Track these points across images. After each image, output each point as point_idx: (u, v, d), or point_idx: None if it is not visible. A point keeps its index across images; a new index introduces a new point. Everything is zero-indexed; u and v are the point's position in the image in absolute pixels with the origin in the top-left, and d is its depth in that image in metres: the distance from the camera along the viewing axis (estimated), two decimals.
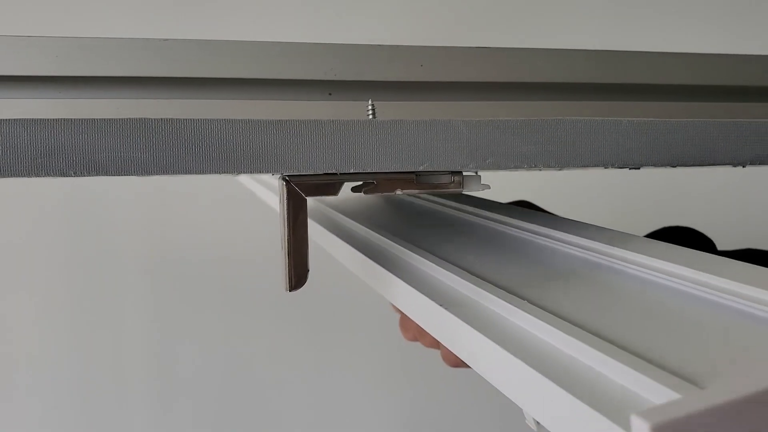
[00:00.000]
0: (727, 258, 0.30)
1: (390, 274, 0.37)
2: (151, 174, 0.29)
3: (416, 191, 0.37)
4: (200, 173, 0.30)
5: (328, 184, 0.37)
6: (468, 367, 0.47)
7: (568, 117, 0.33)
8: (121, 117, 0.45)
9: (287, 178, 0.36)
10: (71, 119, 0.28)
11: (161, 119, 0.29)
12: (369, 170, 0.32)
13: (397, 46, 0.48)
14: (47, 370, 1.11)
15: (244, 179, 0.83)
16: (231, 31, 1.09)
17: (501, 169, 0.33)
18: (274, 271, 0.38)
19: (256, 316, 1.16)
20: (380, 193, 0.39)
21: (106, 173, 0.29)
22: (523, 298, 0.29)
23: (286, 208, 0.36)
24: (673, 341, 0.23)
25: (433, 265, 0.36)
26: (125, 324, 1.13)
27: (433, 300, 0.31)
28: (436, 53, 0.48)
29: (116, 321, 1.13)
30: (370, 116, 0.40)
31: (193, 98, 0.46)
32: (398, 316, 0.51)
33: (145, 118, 0.29)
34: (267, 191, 0.71)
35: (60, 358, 1.11)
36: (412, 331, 0.49)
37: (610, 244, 0.36)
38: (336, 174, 0.33)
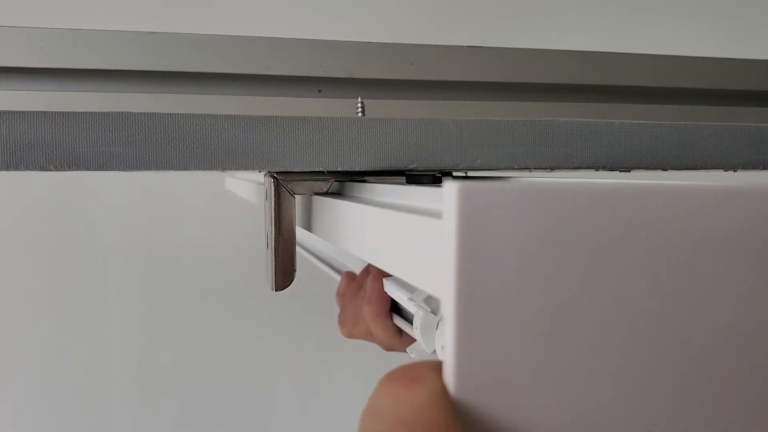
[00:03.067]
0: None
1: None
2: (134, 170, 0.29)
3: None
4: (185, 169, 0.29)
5: (317, 182, 0.36)
6: (402, 350, 0.46)
7: (561, 118, 0.32)
8: (105, 109, 0.44)
9: (275, 175, 0.35)
10: (51, 112, 0.28)
11: (144, 113, 0.28)
12: (357, 168, 0.32)
13: (388, 43, 0.48)
14: (28, 369, 1.10)
15: (229, 181, 0.82)
16: (220, 26, 1.08)
17: (491, 169, 0.32)
18: (261, 269, 0.37)
19: (242, 315, 1.16)
20: None
21: (88, 168, 0.28)
22: None
23: (273, 206, 0.36)
24: None
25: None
26: (109, 322, 1.12)
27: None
28: (428, 52, 0.48)
29: (100, 319, 1.11)
30: (360, 115, 0.39)
31: (179, 93, 0.45)
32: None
33: (127, 112, 0.28)
34: (248, 186, 0.70)
35: (42, 356, 1.10)
36: (348, 326, 0.49)
37: None
38: (324, 172, 0.32)
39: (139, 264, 1.12)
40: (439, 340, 0.38)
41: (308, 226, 0.35)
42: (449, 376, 0.14)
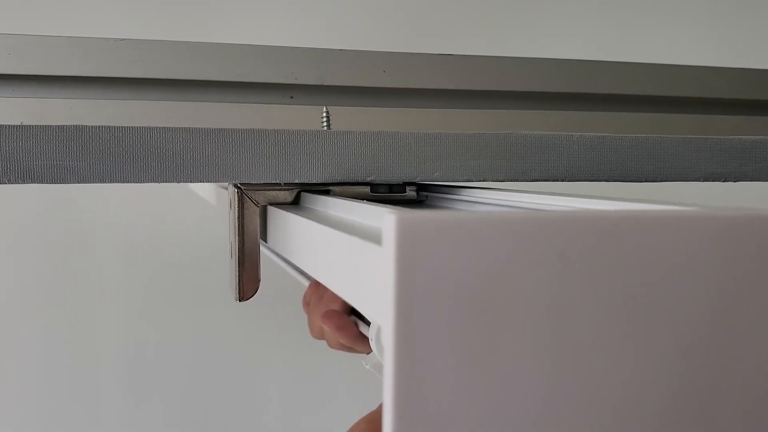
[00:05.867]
0: None
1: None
2: (89, 182, 0.29)
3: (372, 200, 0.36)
4: (141, 182, 0.30)
5: (281, 192, 0.36)
6: (351, 350, 0.47)
7: (520, 131, 0.33)
8: (75, 116, 0.44)
9: (239, 185, 0.35)
10: (4, 125, 0.28)
11: (98, 126, 0.28)
12: (316, 181, 0.32)
13: (360, 51, 0.48)
14: (21, 368, 1.10)
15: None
16: (192, 33, 1.07)
17: (449, 181, 0.32)
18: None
19: (234, 314, 1.16)
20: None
21: (42, 181, 0.28)
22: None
23: (237, 216, 0.36)
24: None
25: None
26: (101, 321, 1.12)
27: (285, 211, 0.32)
28: (400, 59, 0.48)
29: (91, 318, 1.11)
30: (325, 125, 0.39)
31: (149, 100, 0.45)
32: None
33: (82, 125, 0.28)
34: (208, 188, 0.69)
35: (35, 355, 1.10)
36: (316, 333, 0.49)
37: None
38: (280, 184, 0.32)
39: (131, 263, 1.12)
40: None
41: (264, 237, 0.35)
42: (387, 417, 0.14)
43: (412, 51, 0.48)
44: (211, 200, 0.62)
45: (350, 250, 0.20)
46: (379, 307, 0.17)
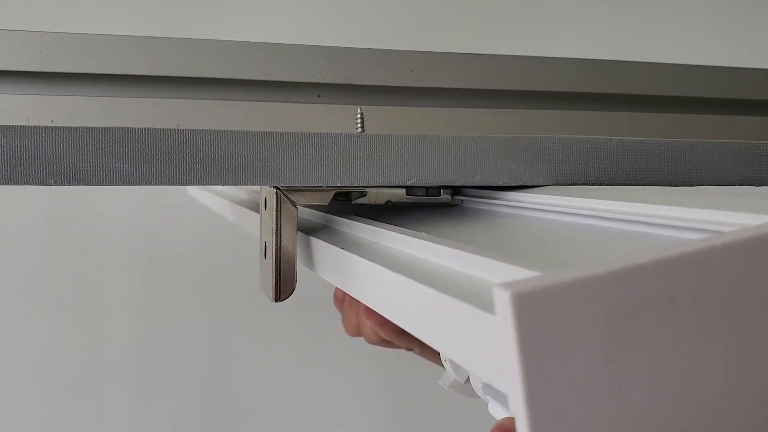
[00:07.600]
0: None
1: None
2: (134, 184, 0.29)
3: (406, 203, 0.36)
4: (184, 184, 0.30)
5: (320, 193, 0.36)
6: (390, 344, 0.47)
7: (559, 135, 0.33)
8: (104, 114, 0.45)
9: (279, 186, 0.35)
10: (52, 127, 0.28)
11: (144, 129, 0.28)
12: (356, 184, 0.32)
13: (388, 50, 0.48)
14: (28, 368, 1.10)
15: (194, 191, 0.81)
16: (220, 31, 1.07)
17: (489, 184, 0.32)
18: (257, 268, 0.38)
19: (241, 314, 1.16)
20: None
21: (88, 183, 0.28)
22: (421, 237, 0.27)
23: (275, 217, 0.36)
24: (543, 252, 0.24)
25: (356, 224, 0.34)
26: (108, 321, 1.12)
27: (334, 245, 0.31)
28: (428, 58, 0.48)
29: (99, 318, 1.11)
30: (359, 127, 0.40)
31: (179, 98, 0.45)
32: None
33: (128, 127, 0.28)
34: (210, 197, 0.69)
35: (42, 355, 1.10)
36: (352, 330, 0.50)
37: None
38: (322, 186, 0.32)
39: (139, 262, 1.13)
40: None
41: (310, 266, 0.35)
42: None
43: (441, 50, 0.48)
44: (226, 215, 0.61)
45: (453, 312, 0.19)
46: (492, 371, 0.17)
